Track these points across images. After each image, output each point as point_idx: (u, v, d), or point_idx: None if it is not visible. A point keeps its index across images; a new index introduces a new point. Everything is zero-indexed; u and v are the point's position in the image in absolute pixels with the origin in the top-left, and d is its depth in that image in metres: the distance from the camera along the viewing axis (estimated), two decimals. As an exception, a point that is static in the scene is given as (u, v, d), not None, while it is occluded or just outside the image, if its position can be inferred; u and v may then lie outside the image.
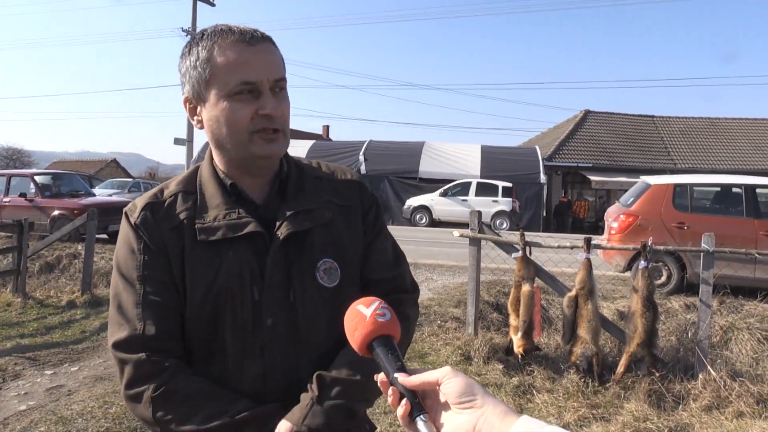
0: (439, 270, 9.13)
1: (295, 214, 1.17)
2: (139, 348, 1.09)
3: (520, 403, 4.05)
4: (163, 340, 1.11)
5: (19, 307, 6.98)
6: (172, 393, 1.07)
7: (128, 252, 1.15)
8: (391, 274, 1.30)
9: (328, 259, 1.19)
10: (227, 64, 1.09)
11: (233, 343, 1.12)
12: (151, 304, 1.11)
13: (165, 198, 1.18)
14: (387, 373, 0.82)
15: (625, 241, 7.32)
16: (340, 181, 1.29)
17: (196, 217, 1.15)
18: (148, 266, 1.13)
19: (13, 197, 12.08)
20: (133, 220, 1.15)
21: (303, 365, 1.15)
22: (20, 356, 5.15)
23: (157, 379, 1.08)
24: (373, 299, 0.89)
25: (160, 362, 1.09)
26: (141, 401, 1.08)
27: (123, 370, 1.10)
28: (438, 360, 4.84)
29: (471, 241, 5.26)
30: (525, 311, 4.46)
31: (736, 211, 7.81)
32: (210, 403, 1.08)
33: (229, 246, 1.13)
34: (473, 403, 0.74)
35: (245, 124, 1.10)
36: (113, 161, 46.20)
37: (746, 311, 5.81)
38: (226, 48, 1.09)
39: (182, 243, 1.13)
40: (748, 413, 3.83)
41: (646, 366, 4.26)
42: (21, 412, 3.93)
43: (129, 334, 1.10)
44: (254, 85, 1.09)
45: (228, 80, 1.09)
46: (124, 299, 1.13)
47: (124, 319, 1.12)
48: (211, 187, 1.18)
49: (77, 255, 8.83)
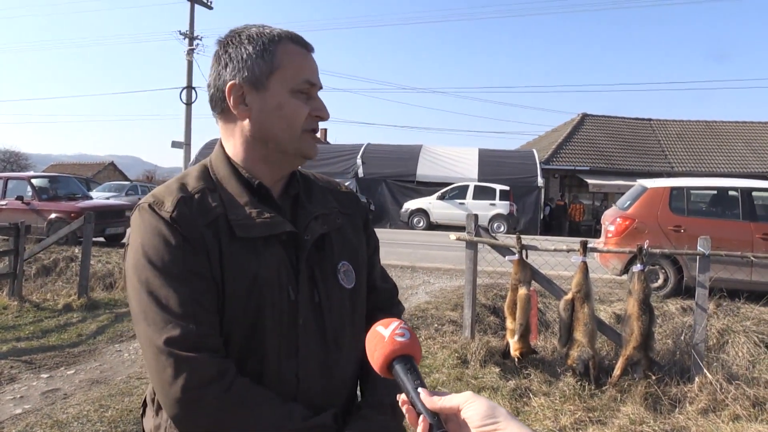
0: (437, 273, 9.13)
1: (315, 217, 1.21)
2: (197, 347, 1.03)
3: (517, 407, 4.05)
4: (216, 339, 1.06)
5: (16, 311, 6.95)
6: (240, 396, 1.03)
7: (163, 246, 1.08)
8: (389, 285, 1.40)
9: (345, 262, 1.23)
10: (294, 61, 1.15)
11: (271, 343, 1.10)
12: (198, 302, 1.06)
13: (192, 192, 1.14)
14: (407, 392, 0.83)
15: (622, 244, 7.33)
16: (338, 191, 1.35)
17: (227, 210, 1.13)
18: (189, 262, 1.07)
19: (10, 200, 12.07)
20: (167, 215, 1.09)
21: (332, 365, 1.17)
22: (16, 359, 5.13)
23: (222, 381, 1.02)
24: (392, 320, 0.91)
25: (222, 363, 1.04)
26: (203, 406, 1.02)
27: (178, 370, 1.01)
28: (435, 363, 4.84)
29: (467, 245, 5.27)
30: (521, 314, 4.47)
31: (733, 215, 7.83)
32: (270, 412, 1.04)
33: (264, 245, 1.12)
34: (496, 425, 0.73)
35: (301, 121, 1.15)
36: (110, 164, 46.13)
37: (743, 314, 5.83)
38: (293, 47, 1.16)
39: (219, 239, 1.10)
40: (744, 416, 3.84)
41: (643, 369, 4.26)
42: (16, 416, 3.91)
43: (183, 332, 1.02)
44: (315, 86, 1.17)
45: (294, 76, 1.15)
46: (165, 296, 1.05)
47: (172, 316, 1.04)
48: (233, 184, 1.16)
49: (74, 258, 8.82)
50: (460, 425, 0.77)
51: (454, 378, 4.51)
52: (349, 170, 22.41)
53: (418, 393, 0.81)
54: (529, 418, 3.90)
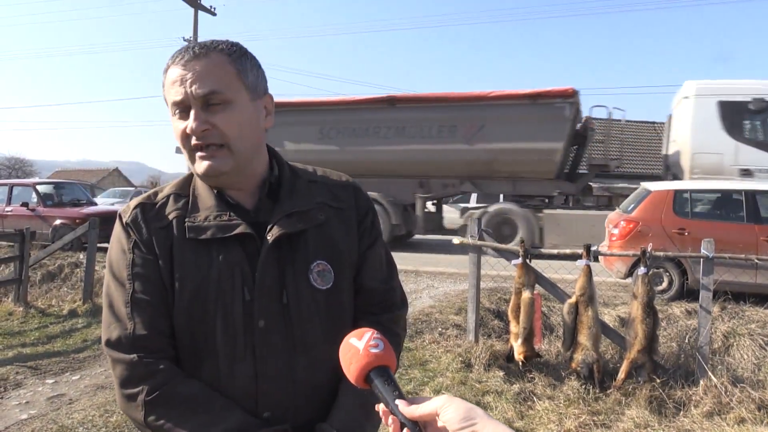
0: (441, 277, 9.12)
1: (288, 215, 1.17)
2: (131, 348, 1.09)
3: (521, 410, 4.04)
4: (154, 339, 1.11)
5: (21, 316, 6.99)
6: (166, 397, 1.07)
7: (119, 251, 1.16)
8: (384, 286, 1.31)
9: (322, 261, 1.19)
10: (166, 86, 1.13)
11: (224, 345, 1.12)
12: (141, 303, 1.11)
13: (157, 200, 1.19)
14: (386, 403, 0.83)
15: (626, 247, 7.31)
16: (335, 183, 1.30)
17: (187, 216, 1.16)
18: (137, 265, 1.13)
19: (15, 206, 12.12)
20: (125, 220, 1.17)
21: (297, 367, 1.15)
22: (21, 365, 5.16)
23: (150, 382, 1.08)
24: (365, 330, 0.90)
25: (153, 364, 1.09)
26: (134, 402, 1.08)
27: (115, 369, 1.11)
28: (439, 367, 4.83)
29: (471, 249, 5.27)
30: (525, 318, 4.47)
31: (737, 217, 7.80)
32: (202, 412, 1.07)
33: (219, 247, 1.13)
34: (474, 428, 0.74)
35: (181, 142, 1.14)
36: (115, 170, 46.33)
37: (748, 317, 5.80)
38: (169, 71, 1.13)
39: (170, 242, 1.14)
40: (749, 419, 3.82)
41: (647, 372, 4.25)
42: (22, 421, 3.93)
43: (120, 334, 1.11)
44: (181, 104, 1.11)
45: (168, 100, 1.14)
46: (115, 298, 1.14)
47: (115, 319, 1.12)
48: (204, 191, 1.19)
49: (79, 264, 8.84)
50: (439, 430, 0.77)
51: (458, 382, 4.51)
52: (352, 175, 22.41)
53: (396, 404, 0.81)
54: (533, 422, 3.90)
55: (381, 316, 1.27)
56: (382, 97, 12.87)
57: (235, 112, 1.12)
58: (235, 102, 1.12)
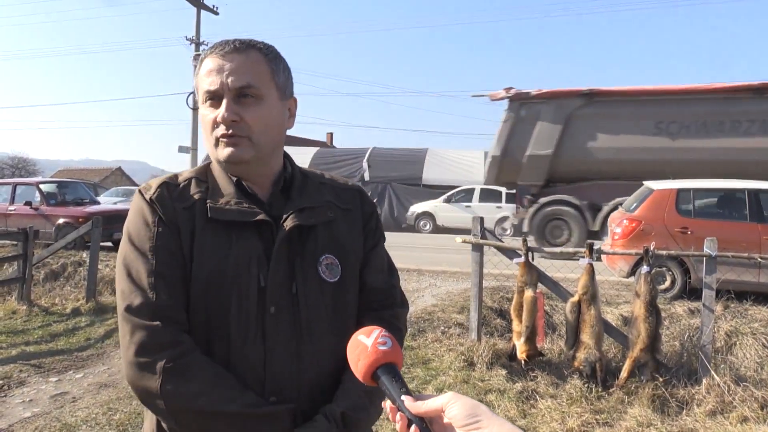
0: (443, 276, 9.12)
1: (300, 210, 1.22)
2: (153, 315, 1.10)
3: (524, 409, 4.04)
4: (177, 310, 1.13)
5: (24, 315, 7.01)
6: (186, 367, 1.09)
7: (142, 224, 1.18)
8: (386, 285, 1.36)
9: (330, 255, 1.24)
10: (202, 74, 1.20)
11: (236, 327, 1.15)
12: (163, 275, 1.14)
13: (180, 182, 1.24)
14: (393, 400, 0.84)
15: (629, 246, 7.30)
16: (341, 186, 1.37)
17: (209, 198, 1.20)
18: (161, 238, 1.16)
19: (19, 205, 12.14)
20: (149, 196, 1.19)
21: (304, 355, 1.18)
22: (25, 363, 5.17)
23: (171, 350, 1.09)
24: (373, 328, 0.91)
25: (177, 333, 1.11)
26: (150, 371, 1.08)
27: (134, 335, 1.09)
28: (441, 366, 4.84)
29: (474, 247, 5.27)
30: (528, 317, 4.47)
31: (740, 216, 7.78)
32: (221, 387, 1.09)
33: (239, 231, 1.18)
34: (479, 425, 0.74)
35: (209, 129, 1.20)
36: (118, 169, 46.35)
37: (750, 316, 5.79)
38: (207, 61, 1.20)
39: (193, 223, 1.18)
40: (752, 418, 3.82)
41: (650, 371, 4.25)
42: (26, 419, 3.95)
43: (143, 300, 1.11)
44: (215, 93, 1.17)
45: (201, 89, 1.20)
46: (135, 268, 1.14)
47: (137, 287, 1.13)
48: (223, 179, 1.24)
49: (82, 263, 8.87)
50: (445, 427, 0.78)
51: (461, 380, 4.51)
52: (355, 174, 22.42)
53: (403, 400, 0.82)
54: (536, 420, 3.90)
55: (382, 312, 1.31)
56: (751, 85, 10.91)
57: (264, 108, 1.19)
58: (265, 99, 1.19)
